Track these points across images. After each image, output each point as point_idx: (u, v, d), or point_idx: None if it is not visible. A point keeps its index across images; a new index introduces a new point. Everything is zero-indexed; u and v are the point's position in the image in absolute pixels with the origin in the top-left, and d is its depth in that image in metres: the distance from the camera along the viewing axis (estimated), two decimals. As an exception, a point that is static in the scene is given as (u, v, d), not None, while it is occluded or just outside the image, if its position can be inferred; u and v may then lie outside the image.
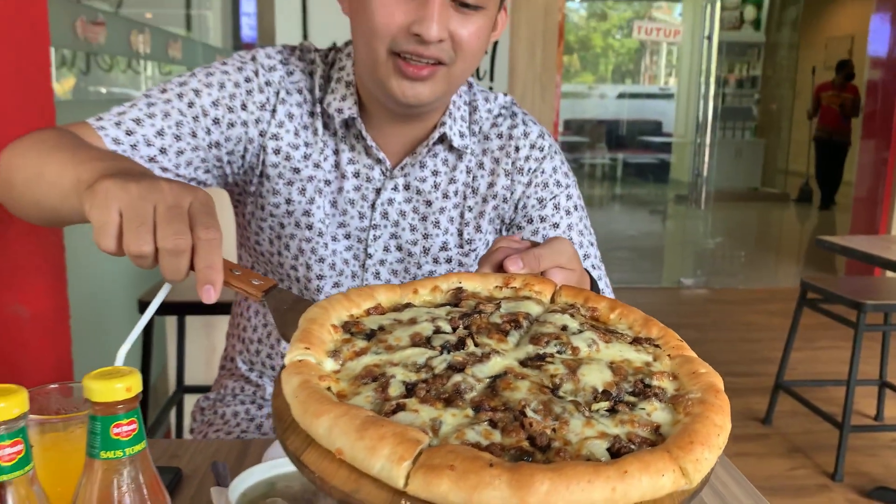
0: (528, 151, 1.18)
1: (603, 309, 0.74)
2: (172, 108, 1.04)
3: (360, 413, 0.52)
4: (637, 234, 8.31)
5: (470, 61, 1.04)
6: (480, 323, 0.68)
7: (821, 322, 3.98)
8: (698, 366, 0.63)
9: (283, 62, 1.13)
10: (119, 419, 0.60)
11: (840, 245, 3.05)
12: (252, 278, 0.77)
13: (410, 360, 0.61)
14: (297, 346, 0.61)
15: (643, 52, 12.00)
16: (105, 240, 0.70)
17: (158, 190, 0.70)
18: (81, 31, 2.03)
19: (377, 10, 0.97)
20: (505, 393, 0.58)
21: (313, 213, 1.13)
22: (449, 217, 1.17)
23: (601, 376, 0.61)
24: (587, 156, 10.85)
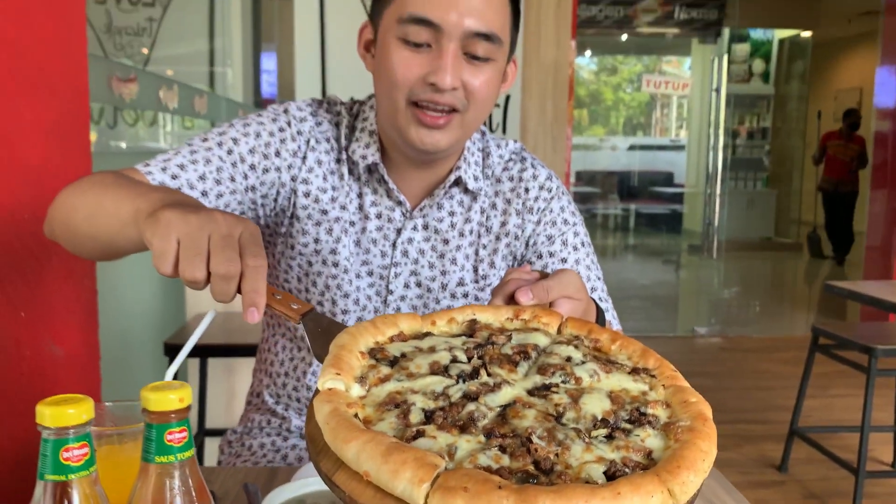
0: (537, 192, 1.27)
1: (605, 340, 0.81)
2: (213, 155, 1.13)
3: (384, 439, 0.59)
4: (651, 283, 8.34)
5: (481, 108, 1.14)
6: (493, 354, 0.75)
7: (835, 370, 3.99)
8: (689, 395, 0.70)
9: (313, 114, 1.23)
10: (172, 427, 0.67)
11: (849, 290, 3.10)
12: (291, 302, 0.85)
13: (429, 389, 0.69)
14: (330, 370, 0.69)
15: (653, 105, 12.19)
16: (164, 265, 0.78)
17: (214, 221, 0.79)
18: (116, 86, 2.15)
19: (397, 64, 1.08)
20: (514, 421, 0.65)
21: (339, 251, 1.21)
22: (465, 255, 1.26)
23: (601, 405, 0.68)
24: (600, 206, 10.95)
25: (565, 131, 4.77)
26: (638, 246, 10.77)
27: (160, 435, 0.66)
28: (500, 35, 1.11)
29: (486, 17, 1.08)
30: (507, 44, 1.15)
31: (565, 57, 4.69)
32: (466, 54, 1.09)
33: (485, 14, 1.08)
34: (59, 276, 1.65)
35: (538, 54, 4.66)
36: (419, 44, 1.07)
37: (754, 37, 10.28)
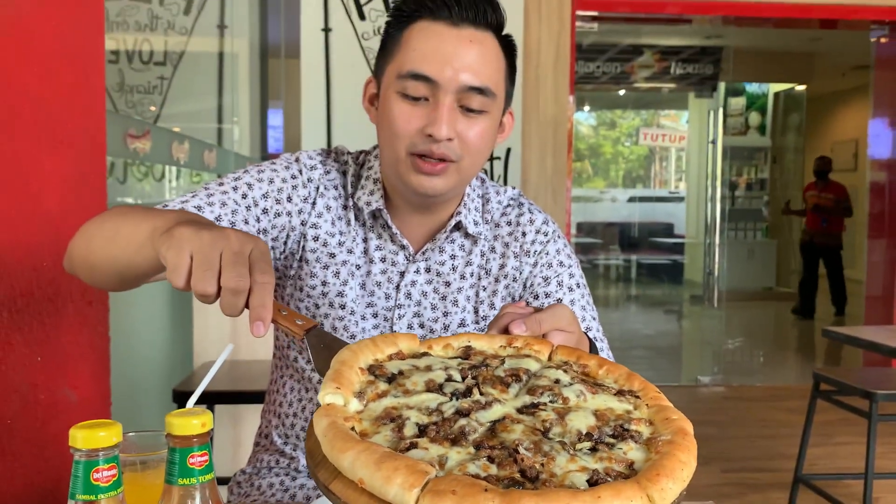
0: (533, 236, 1.33)
1: (592, 366, 0.86)
2: (229, 199, 1.20)
3: (378, 449, 0.64)
4: (654, 333, 8.35)
5: (476, 157, 1.21)
6: (486, 375, 0.80)
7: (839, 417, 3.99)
8: (671, 413, 0.75)
9: (322, 163, 1.31)
10: (194, 451, 0.72)
11: (846, 335, 3.13)
12: (296, 318, 0.89)
13: (424, 405, 0.73)
14: (330, 384, 0.74)
15: (652, 157, 12.37)
16: (177, 279, 0.83)
17: (226, 238, 0.84)
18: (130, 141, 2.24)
19: (397, 116, 1.17)
20: (502, 434, 0.69)
21: (346, 293, 1.27)
22: (466, 296, 1.31)
23: (586, 421, 0.72)
24: (601, 257, 11.03)
25: (565, 183, 4.86)
26: (640, 296, 10.80)
27: (183, 458, 0.71)
28: (494, 89, 1.18)
29: (480, 72, 1.16)
30: (502, 97, 1.23)
31: (564, 112, 4.81)
32: (462, 107, 1.16)
33: (478, 70, 1.16)
34: (75, 322, 1.70)
35: (538, 109, 4.78)
36: (417, 97, 1.15)
37: (749, 90, 10.49)
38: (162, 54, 4.37)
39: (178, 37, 4.44)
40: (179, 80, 4.44)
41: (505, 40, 1.23)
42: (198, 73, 4.63)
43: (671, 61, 8.81)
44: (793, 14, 5.12)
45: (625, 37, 8.25)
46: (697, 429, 0.79)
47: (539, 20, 4.73)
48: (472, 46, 1.16)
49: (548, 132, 4.82)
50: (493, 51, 1.19)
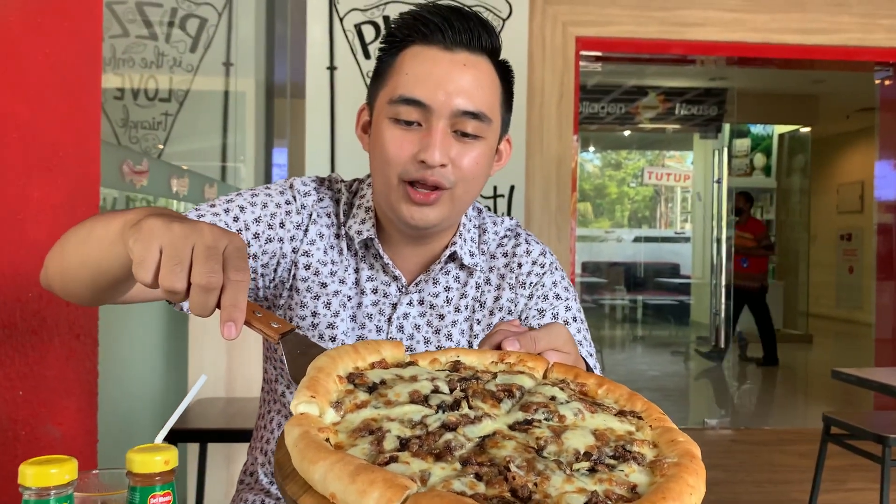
0: (529, 267, 1.29)
1: (591, 385, 0.80)
2: (219, 221, 1.16)
3: (353, 460, 0.57)
4: (660, 374, 8.23)
5: (471, 185, 1.17)
6: (476, 388, 0.74)
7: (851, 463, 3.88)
8: (677, 435, 0.69)
9: (316, 189, 1.27)
10: (155, 490, 0.66)
11: (857, 376, 3.06)
12: (272, 321, 0.83)
13: (407, 417, 0.67)
14: (304, 392, 0.67)
15: (658, 198, 12.36)
16: (144, 273, 0.76)
17: (199, 231, 0.77)
18: (128, 173, 2.22)
19: (389, 142, 1.13)
20: (492, 450, 0.63)
21: (337, 325, 1.22)
22: (460, 330, 1.26)
23: (584, 440, 0.66)
24: (607, 297, 10.94)
25: (569, 222, 4.83)
26: (646, 337, 10.68)
27: (144, 498, 0.66)
28: (489, 114, 1.15)
29: (474, 96, 1.12)
30: (498, 122, 1.19)
31: (568, 150, 4.80)
32: (456, 132, 1.13)
33: (473, 94, 1.12)
34: (61, 356, 1.65)
35: (542, 147, 4.78)
36: (410, 122, 1.12)
37: (754, 132, 10.51)
38: (167, 91, 4.39)
39: (183, 74, 4.46)
40: (184, 117, 4.45)
41: (501, 65, 1.20)
42: (203, 111, 4.65)
43: (675, 102, 8.84)
44: (796, 55, 5.13)
45: (629, 78, 8.30)
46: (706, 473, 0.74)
47: (543, 59, 4.75)
48: (466, 70, 1.13)
49: (551, 170, 4.80)
50: (487, 75, 1.16)
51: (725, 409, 6.50)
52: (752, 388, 7.61)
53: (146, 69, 4.35)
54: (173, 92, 4.43)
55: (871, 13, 4.97)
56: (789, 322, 10.84)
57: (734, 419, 6.08)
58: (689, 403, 7.03)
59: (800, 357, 9.31)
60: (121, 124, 4.27)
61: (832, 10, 4.96)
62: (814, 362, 9.55)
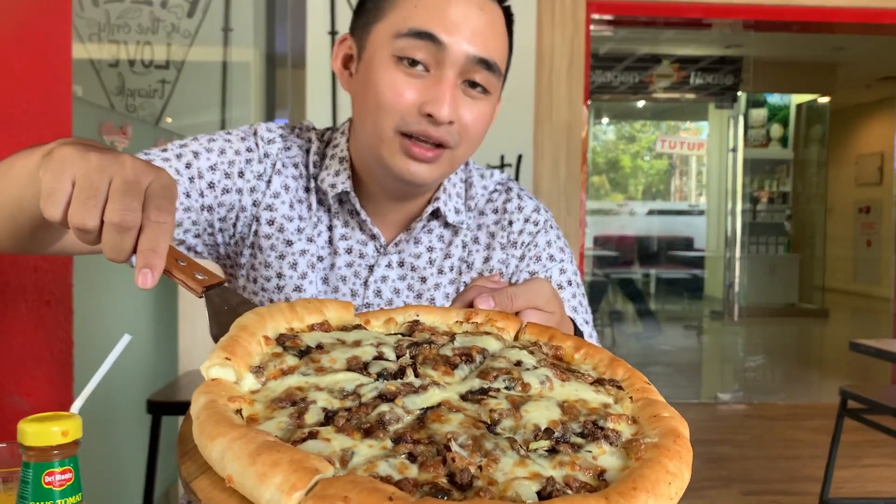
0: (521, 225, 1.17)
1: (568, 348, 0.69)
2: (169, 167, 1.04)
3: (258, 437, 0.47)
4: (672, 349, 8.12)
5: (472, 145, 1.05)
6: (428, 354, 0.63)
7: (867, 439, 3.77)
8: (662, 409, 0.57)
9: (283, 137, 1.14)
10: (52, 466, 0.56)
11: (876, 348, 2.93)
12: (197, 272, 0.72)
13: (338, 386, 0.56)
14: (219, 353, 0.57)
15: (672, 171, 12.16)
16: (51, 207, 0.66)
17: (120, 163, 0.67)
18: (107, 133, 2.11)
19: (388, 87, 0.98)
20: (433, 425, 0.52)
21: (305, 288, 1.10)
22: (445, 293, 1.14)
23: (548, 414, 0.55)
24: (620, 271, 10.80)
25: (579, 193, 4.70)
26: (658, 311, 10.55)
27: (38, 476, 0.56)
28: (500, 65, 1.03)
29: (490, 43, 1.00)
30: (503, 77, 1.08)
31: (578, 118, 4.66)
32: (464, 83, 1.00)
33: (488, 40, 1.00)
34: (29, 323, 1.56)
35: (551, 115, 4.63)
36: (415, 62, 0.98)
37: (771, 102, 10.27)
38: (164, 60, 4.28)
39: (181, 41, 4.34)
40: (183, 88, 4.34)
41: (507, 13, 1.07)
42: (202, 82, 4.52)
43: (690, 71, 8.63)
44: (815, 18, 4.94)
45: (642, 45, 8.09)
46: (717, 448, 0.62)
47: (552, 23, 4.59)
48: (481, 14, 1.00)
49: (561, 139, 4.66)
50: (500, 23, 1.04)
51: (738, 384, 6.39)
52: (765, 364, 7.49)
53: (142, 35, 4.23)
54: (171, 60, 4.32)
55: (895, -27, 4.77)
56: (805, 296, 10.68)
57: (747, 394, 5.97)
58: (702, 378, 6.92)
59: (815, 332, 9.17)
60: (116, 93, 4.16)
61: (854, -31, 4.76)
62: (830, 337, 9.41)
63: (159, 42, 4.27)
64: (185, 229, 1.06)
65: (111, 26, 4.18)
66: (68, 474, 0.57)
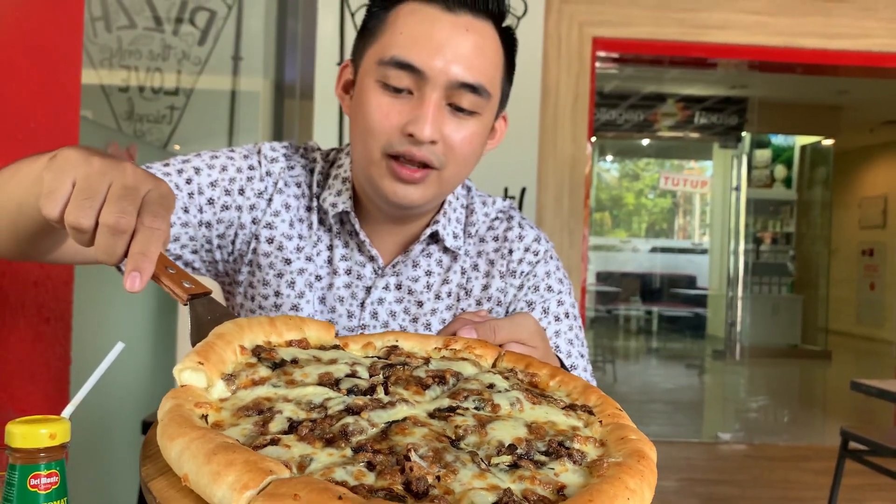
0: (521, 254, 1.16)
1: (543, 375, 0.69)
2: (170, 181, 1.04)
3: (216, 438, 0.47)
4: (674, 387, 8.06)
5: (462, 166, 1.04)
6: (401, 375, 0.63)
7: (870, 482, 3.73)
8: (630, 433, 0.57)
9: (286, 156, 1.15)
10: (38, 469, 0.56)
11: (877, 388, 2.91)
12: (185, 280, 0.72)
13: (306, 399, 0.57)
14: (192, 358, 0.57)
15: (676, 210, 12.19)
16: (50, 205, 0.67)
17: (120, 169, 0.68)
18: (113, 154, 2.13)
19: (374, 110, 0.99)
20: (395, 437, 0.53)
21: (301, 307, 1.10)
22: (441, 319, 1.13)
23: (513, 432, 0.55)
24: (622, 308, 10.77)
25: (582, 228, 4.71)
26: (660, 349, 10.50)
27: (23, 478, 0.56)
28: (489, 88, 1.02)
29: (475, 66, 0.99)
30: (497, 97, 1.06)
31: (582, 153, 4.69)
32: (450, 105, 1.00)
33: (473, 64, 0.99)
34: (26, 338, 1.56)
35: (555, 150, 4.66)
36: (399, 89, 0.99)
37: (775, 143, 10.33)
38: (174, 85, 4.33)
39: (191, 68, 4.39)
40: (191, 115, 4.38)
41: (505, 32, 1.06)
42: (210, 110, 4.57)
43: (695, 110, 8.70)
44: (819, 60, 4.99)
45: (647, 84, 8.16)
46: (717, 489, 0.62)
47: (559, 59, 4.64)
48: (467, 36, 0.99)
49: (564, 174, 4.69)
50: (491, 43, 1.02)
51: (739, 423, 6.33)
52: (767, 404, 7.43)
53: (153, 61, 4.29)
54: (181, 87, 4.37)
55: (898, 18, 4.82)
56: (808, 338, 10.63)
57: (749, 434, 5.91)
58: (703, 417, 6.86)
59: (818, 373, 9.11)
60: (125, 117, 4.21)
61: (857, 14, 4.81)
62: (832, 378, 9.34)
63: (170, 69, 4.32)
64: (183, 244, 1.06)
65: (122, 52, 4.23)
66: (54, 478, 0.57)
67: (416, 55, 0.97)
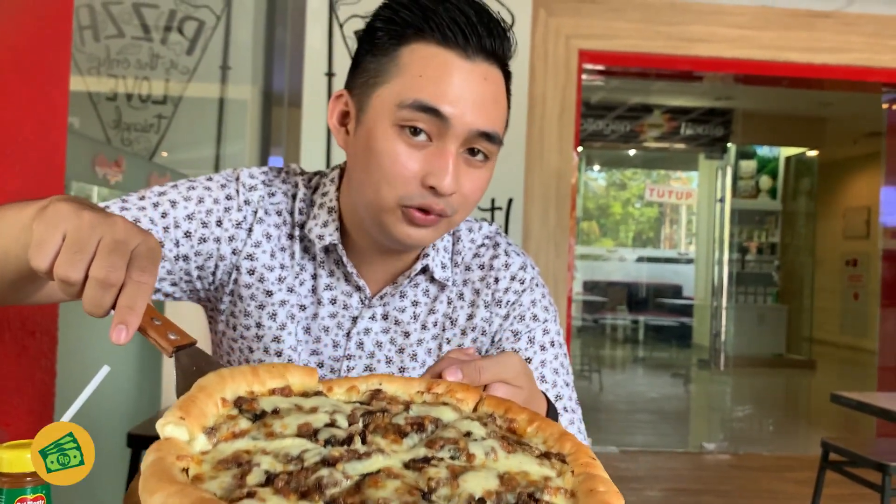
0: (507, 283, 1.15)
1: (521, 421, 0.70)
2: (144, 216, 1.03)
3: (194, 493, 0.49)
4: (659, 396, 8.11)
5: (469, 210, 1.04)
6: (380, 422, 0.64)
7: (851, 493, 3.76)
8: (599, 484, 0.59)
9: (266, 183, 1.12)
10: (24, 493, 0.58)
11: (857, 400, 2.95)
12: (170, 332, 0.74)
13: (283, 451, 0.58)
14: (174, 412, 0.59)
15: (662, 219, 12.28)
16: (40, 257, 0.69)
17: (110, 224, 0.69)
18: (100, 167, 2.14)
19: (389, 158, 0.97)
20: (368, 490, 0.54)
21: (283, 339, 1.09)
22: (427, 349, 1.13)
23: (484, 484, 0.56)
24: (608, 317, 10.82)
25: (568, 239, 4.74)
26: (646, 358, 10.55)
27: (10, 501, 0.57)
28: (501, 134, 1.02)
29: (492, 116, 0.99)
30: None
31: (568, 165, 4.73)
32: (468, 154, 0.99)
33: (491, 112, 0.98)
34: (11, 352, 1.57)
35: (541, 162, 4.70)
36: (417, 131, 0.96)
37: (760, 154, 10.43)
38: (162, 95, 4.34)
39: (179, 76, 4.40)
40: (179, 123, 4.39)
41: (507, 75, 1.05)
42: (198, 118, 4.57)
43: (681, 121, 8.78)
44: (803, 74, 5.05)
45: (633, 95, 8.23)
46: (701, 499, 0.65)
47: (545, 72, 4.68)
48: (486, 85, 0.97)
49: (551, 185, 4.72)
50: (501, 90, 1.01)
51: (724, 433, 6.38)
52: (752, 414, 7.48)
53: (141, 70, 4.29)
54: (169, 96, 4.38)
55: (880, 33, 4.89)
56: (792, 347, 10.72)
57: (733, 444, 5.95)
58: (688, 427, 6.90)
59: (802, 383, 9.18)
60: (112, 126, 4.21)
61: (840, 28, 4.88)
62: (816, 388, 9.42)
63: (158, 78, 4.33)
64: (161, 278, 1.05)
65: (111, 61, 4.24)
66: (40, 501, 0.58)
67: (440, 101, 0.95)
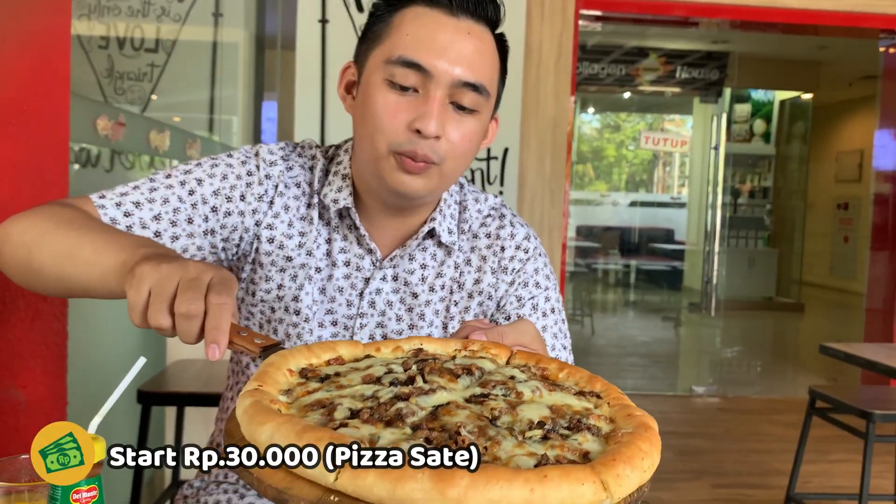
0: (513, 252, 1.24)
1: (553, 369, 0.82)
2: (172, 195, 1.11)
3: (300, 422, 0.58)
4: (649, 340, 8.25)
5: (460, 161, 1.12)
6: (434, 366, 0.74)
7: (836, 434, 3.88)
8: (634, 410, 0.70)
9: (284, 158, 1.21)
10: (79, 485, 0.62)
11: (844, 352, 3.03)
12: (255, 338, 0.83)
13: (358, 393, 0.68)
14: (251, 384, 0.68)
15: (656, 162, 12.26)
16: (134, 316, 0.80)
17: (184, 268, 0.79)
18: (101, 126, 2.14)
19: (382, 108, 1.07)
20: (444, 418, 0.63)
21: (301, 298, 1.17)
22: (434, 310, 1.21)
23: (539, 412, 0.67)
24: (600, 261, 10.91)
25: (563, 186, 4.76)
26: (637, 302, 10.69)
27: (66, 494, 0.62)
28: (489, 87, 1.10)
29: (476, 67, 1.07)
30: (494, 97, 1.15)
31: (564, 113, 4.71)
32: (453, 104, 1.08)
33: (474, 64, 1.07)
34: (26, 317, 1.60)
35: (537, 109, 4.68)
36: (406, 87, 1.06)
37: (755, 97, 10.38)
38: (154, 41, 4.28)
39: (171, 23, 4.34)
40: (172, 69, 4.34)
41: (500, 38, 1.15)
42: (191, 62, 4.53)
43: (676, 65, 8.70)
44: (800, 20, 5.01)
45: (630, 39, 8.14)
46: (690, 441, 0.74)
47: (542, 18, 4.63)
48: (469, 39, 1.07)
49: (547, 133, 4.72)
50: (489, 47, 1.11)
51: (713, 377, 6.52)
52: (741, 357, 7.64)
53: (132, 17, 4.22)
54: (161, 42, 4.32)
55: (879, -21, 4.84)
56: (782, 290, 10.86)
57: (721, 387, 6.10)
58: (678, 370, 7.05)
59: (791, 326, 9.34)
60: (105, 75, 4.16)
61: (839, -26, 4.83)
62: (805, 332, 9.59)
63: (149, 24, 4.27)
64: (191, 254, 1.12)
65: (101, 8, 4.17)
66: (94, 491, 0.63)
67: (422, 55, 1.05)
